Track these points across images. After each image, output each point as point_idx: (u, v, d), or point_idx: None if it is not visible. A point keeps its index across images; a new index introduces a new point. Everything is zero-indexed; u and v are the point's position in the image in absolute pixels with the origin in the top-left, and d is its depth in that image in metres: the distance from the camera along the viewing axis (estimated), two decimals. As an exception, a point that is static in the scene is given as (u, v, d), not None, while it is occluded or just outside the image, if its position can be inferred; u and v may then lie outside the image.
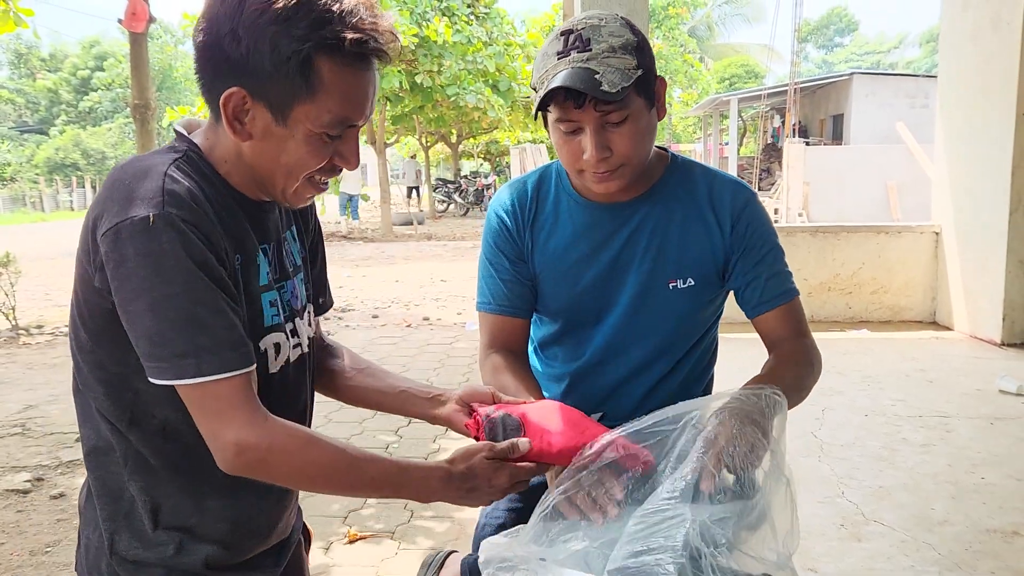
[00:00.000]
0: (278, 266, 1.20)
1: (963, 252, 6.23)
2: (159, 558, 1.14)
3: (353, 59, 1.04)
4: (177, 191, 1.02)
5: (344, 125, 1.08)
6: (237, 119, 1.06)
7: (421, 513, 3.39)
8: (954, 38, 6.37)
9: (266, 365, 1.15)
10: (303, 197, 1.15)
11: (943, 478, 3.37)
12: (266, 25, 1.00)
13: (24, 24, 5.76)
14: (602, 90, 1.31)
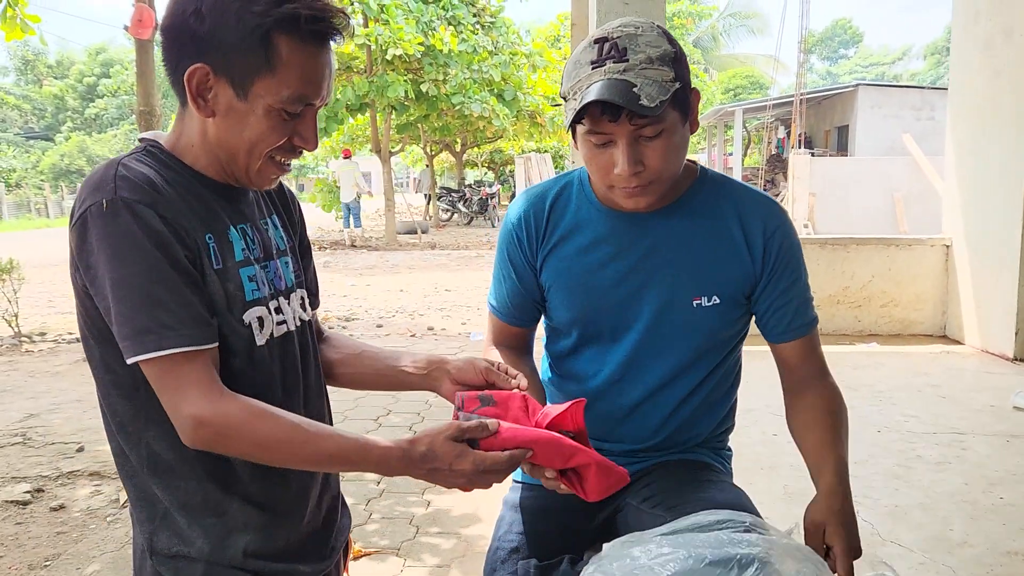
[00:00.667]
0: (260, 245, 1.24)
1: (974, 265, 6.17)
2: (199, 553, 1.17)
3: (310, 36, 1.10)
4: (128, 176, 1.07)
5: (302, 102, 1.13)
6: (201, 95, 1.11)
7: (427, 529, 3.33)
8: (965, 49, 6.32)
9: (252, 338, 1.18)
10: (267, 177, 1.19)
11: (960, 497, 3.30)
12: (229, 2, 1.07)
13: (31, 31, 5.76)
14: (641, 104, 1.25)
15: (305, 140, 1.17)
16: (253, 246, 1.22)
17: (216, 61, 1.09)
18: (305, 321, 1.34)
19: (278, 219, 1.33)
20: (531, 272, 1.55)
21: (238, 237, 1.19)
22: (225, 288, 1.14)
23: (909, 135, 14.56)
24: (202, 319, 1.08)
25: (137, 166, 1.10)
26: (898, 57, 65.22)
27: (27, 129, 47.05)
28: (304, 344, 1.32)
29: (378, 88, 14.80)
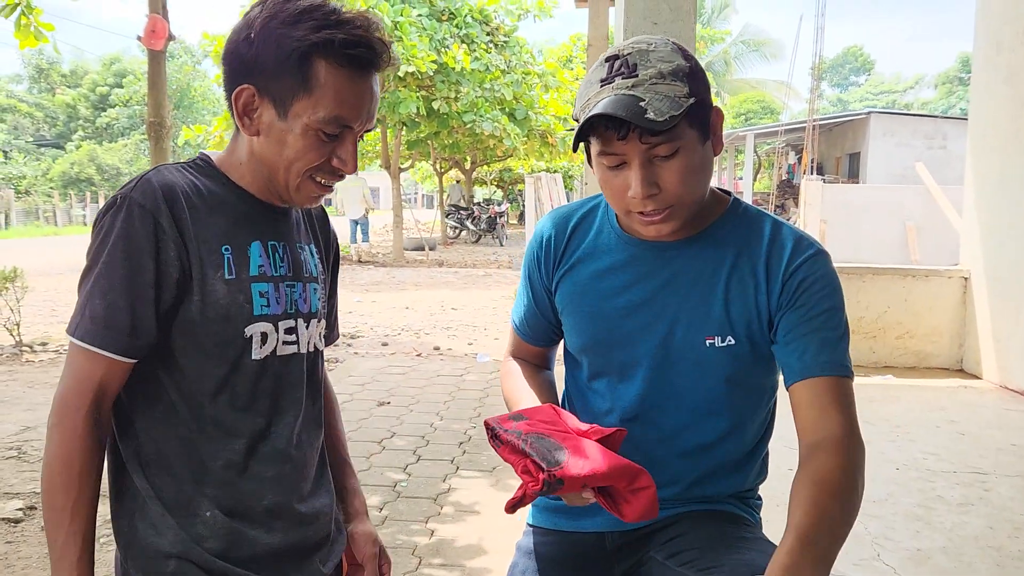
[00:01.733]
0: (290, 265, 1.28)
1: (993, 299, 6.05)
2: (170, 546, 1.19)
3: (346, 61, 1.15)
4: (151, 180, 1.16)
5: (338, 124, 1.18)
6: (247, 114, 1.19)
7: (430, 560, 3.21)
8: (987, 80, 6.24)
9: (249, 350, 1.22)
10: (307, 195, 1.24)
11: (984, 542, 3.18)
12: (274, 28, 1.15)
13: (44, 39, 5.74)
14: (647, 118, 1.17)
15: (343, 162, 1.22)
16: (280, 264, 1.27)
17: (261, 82, 1.17)
18: (320, 351, 1.37)
19: (315, 248, 1.38)
20: (546, 293, 1.49)
21: (260, 253, 1.24)
22: (233, 298, 1.19)
23: (922, 164, 14.49)
24: (126, 327, 1.14)
25: (169, 174, 1.19)
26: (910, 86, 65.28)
27: (39, 137, 47.27)
28: (312, 371, 1.34)
29: (390, 104, 14.78)
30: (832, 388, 1.26)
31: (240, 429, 1.23)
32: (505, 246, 23.18)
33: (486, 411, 5.54)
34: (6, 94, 46.25)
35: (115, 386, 1.17)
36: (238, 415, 1.23)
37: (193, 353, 1.19)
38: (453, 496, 3.95)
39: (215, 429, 1.21)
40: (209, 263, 1.18)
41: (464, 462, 4.47)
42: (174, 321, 1.18)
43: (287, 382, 1.28)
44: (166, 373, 1.20)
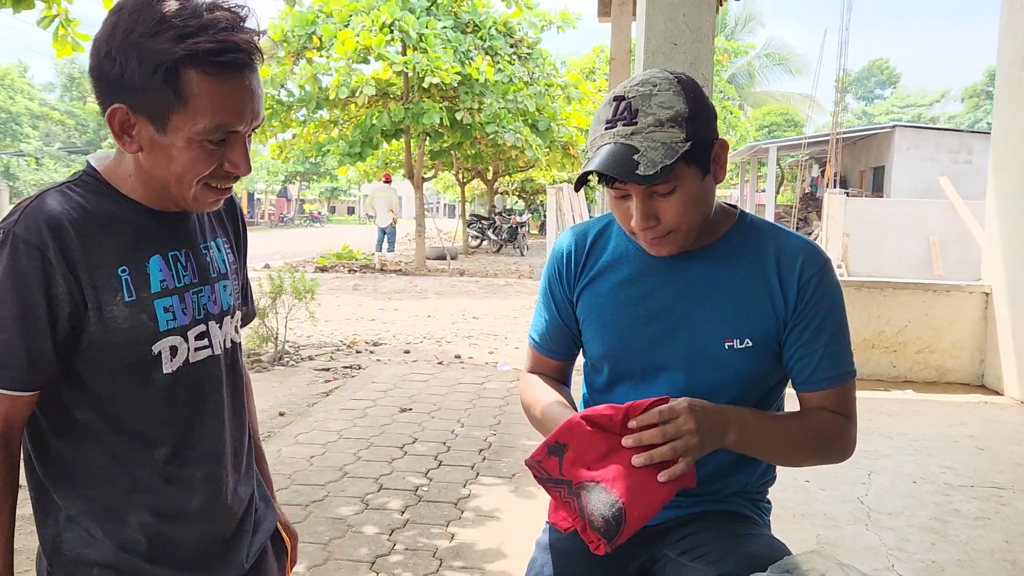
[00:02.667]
0: (195, 271, 1.26)
1: (1015, 314, 6.04)
2: (100, 556, 1.21)
3: (216, 68, 1.10)
4: (34, 212, 1.12)
5: (221, 131, 1.14)
6: (125, 132, 1.14)
7: (450, 563, 3.28)
8: (1010, 95, 6.25)
9: (159, 366, 1.21)
10: (206, 202, 1.21)
11: (1000, 556, 3.20)
12: (133, 43, 1.08)
13: (80, 49, 5.88)
14: (637, 174, 1.28)
15: (235, 166, 1.18)
16: (184, 273, 1.25)
17: (132, 100, 1.12)
18: (237, 343, 1.37)
19: (223, 240, 1.36)
20: (569, 305, 1.58)
21: (160, 267, 1.21)
22: (136, 319, 1.18)
23: (946, 178, 14.41)
24: (21, 365, 1.12)
25: (54, 202, 1.15)
26: (936, 99, 64.72)
27: (69, 144, 48.00)
28: (231, 365, 1.35)
29: (414, 115, 14.94)
30: (838, 395, 1.46)
31: (162, 438, 1.24)
32: (526, 256, 23.26)
33: (506, 418, 5.61)
34: (39, 102, 47.03)
35: (20, 418, 1.17)
36: (159, 426, 1.23)
37: (103, 377, 1.19)
38: (473, 501, 4.01)
39: (136, 441, 1.22)
40: (105, 289, 1.16)
41: (484, 468, 4.53)
42: (77, 349, 1.17)
43: (206, 386, 1.28)
44: (80, 396, 1.19)
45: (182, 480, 1.26)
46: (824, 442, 1.44)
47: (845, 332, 1.47)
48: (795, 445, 1.42)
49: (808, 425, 1.44)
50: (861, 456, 4.38)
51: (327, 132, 17.07)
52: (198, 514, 1.28)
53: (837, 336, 1.45)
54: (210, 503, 1.29)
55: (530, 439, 5.09)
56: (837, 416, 1.45)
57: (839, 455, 1.47)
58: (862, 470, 4.14)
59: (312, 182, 55.99)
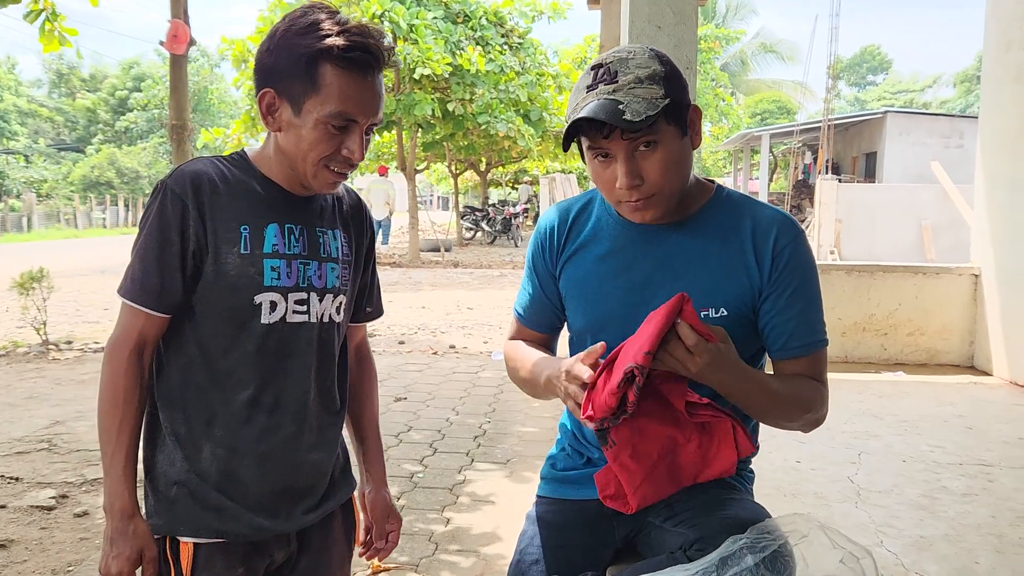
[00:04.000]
0: (306, 244, 1.46)
1: (1004, 296, 6.09)
2: (179, 476, 1.40)
3: (346, 63, 1.34)
4: (184, 170, 1.39)
5: (343, 118, 1.36)
6: (270, 114, 1.39)
7: (446, 547, 3.32)
8: (996, 79, 6.29)
9: (258, 316, 1.41)
10: (325, 182, 1.42)
11: (987, 530, 3.25)
12: (288, 39, 1.35)
13: (68, 43, 5.88)
14: (625, 119, 1.34)
15: (351, 152, 1.39)
16: (295, 244, 1.45)
17: (279, 86, 1.37)
18: (336, 322, 1.53)
19: (343, 233, 1.55)
20: (552, 279, 1.63)
21: (275, 233, 1.43)
22: (244, 270, 1.39)
23: (938, 163, 14.45)
24: (158, 288, 1.37)
25: (200, 164, 1.41)
26: (928, 85, 64.74)
27: (59, 141, 47.75)
28: (325, 339, 1.51)
29: (405, 106, 14.92)
30: (812, 362, 1.51)
31: (248, 381, 1.42)
32: (520, 247, 23.28)
33: (501, 407, 5.65)
34: (27, 99, 46.80)
35: (153, 335, 1.40)
36: (247, 369, 1.42)
37: (210, 314, 1.40)
38: (469, 487, 4.05)
39: (226, 380, 1.41)
40: (224, 240, 1.38)
41: (479, 455, 4.58)
42: (196, 286, 1.39)
43: (295, 347, 1.46)
44: (191, 329, 1.41)
45: (258, 424, 1.42)
46: (802, 403, 1.47)
47: (818, 302, 1.51)
48: (776, 400, 1.45)
49: (787, 385, 1.48)
50: (851, 436, 4.44)
51: (319, 125, 17.00)
52: (266, 459, 1.43)
53: (811, 305, 1.50)
54: (280, 453, 1.45)
55: (524, 425, 5.14)
56: (813, 381, 1.50)
57: (814, 418, 1.50)
58: (852, 450, 4.19)
59: (305, 176, 55.75)
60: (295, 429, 1.46)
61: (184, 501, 1.40)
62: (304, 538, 1.52)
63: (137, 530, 1.36)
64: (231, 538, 1.42)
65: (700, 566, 1.13)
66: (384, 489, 1.71)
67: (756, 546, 1.17)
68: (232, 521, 1.41)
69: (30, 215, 33.45)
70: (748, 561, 1.16)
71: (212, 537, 1.41)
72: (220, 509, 1.40)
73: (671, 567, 1.16)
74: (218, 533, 1.41)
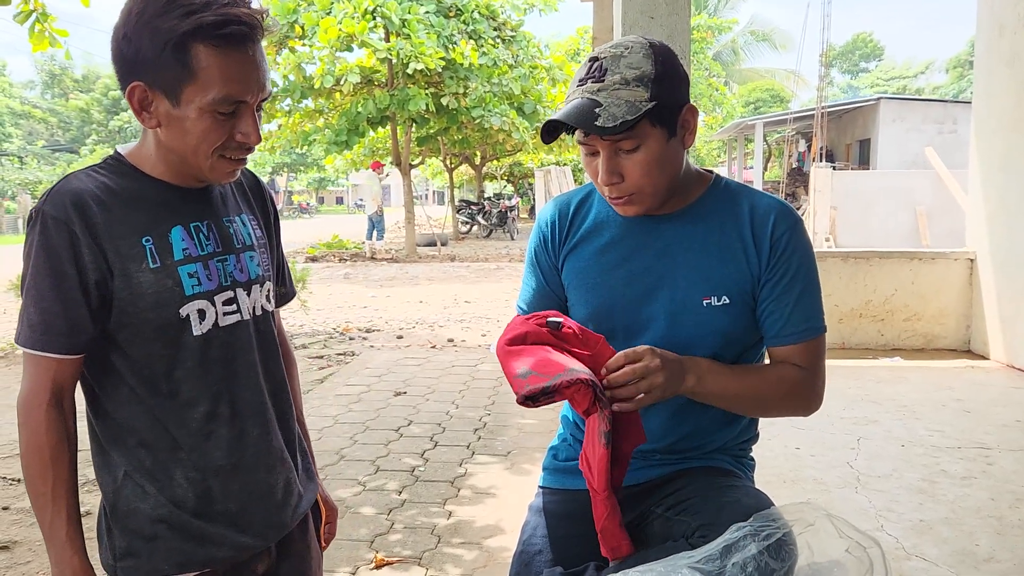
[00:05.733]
0: (217, 241, 1.34)
1: (999, 280, 6.11)
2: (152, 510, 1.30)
3: (221, 40, 1.18)
4: (61, 191, 1.23)
5: (230, 102, 1.22)
6: (144, 109, 1.24)
7: (449, 540, 3.33)
8: (989, 64, 6.29)
9: (189, 328, 1.30)
10: (223, 173, 1.30)
11: (986, 512, 3.27)
12: (145, 23, 1.18)
13: (58, 44, 5.85)
14: (596, 125, 1.35)
15: (246, 135, 1.26)
16: (207, 242, 1.33)
17: (148, 77, 1.21)
18: (268, 311, 1.45)
19: (250, 216, 1.45)
20: (555, 271, 1.63)
21: (182, 236, 1.30)
22: (162, 284, 1.26)
23: (931, 149, 14.47)
24: (62, 330, 1.23)
25: (78, 182, 1.25)
26: (920, 71, 64.67)
27: (53, 142, 47.64)
28: (264, 332, 1.43)
29: (399, 101, 14.90)
30: (806, 350, 1.50)
31: (198, 398, 1.32)
32: (516, 240, 23.28)
33: (500, 399, 5.66)
34: (20, 100, 46.64)
35: (69, 380, 1.27)
36: (194, 385, 1.31)
37: (137, 341, 1.27)
38: (470, 480, 4.06)
39: (174, 401, 1.30)
40: (130, 257, 1.24)
41: (480, 447, 4.59)
42: (110, 316, 1.26)
43: (237, 348, 1.36)
44: (120, 360, 1.29)
45: (222, 437, 1.33)
46: (784, 394, 1.48)
47: (816, 289, 1.51)
48: (753, 395, 1.47)
49: (767, 377, 1.49)
50: (850, 422, 4.46)
51: (312, 121, 17.00)
52: (239, 470, 1.36)
53: (808, 292, 1.49)
54: (251, 461, 1.37)
55: (524, 417, 5.15)
56: (799, 369, 1.49)
57: (802, 407, 1.51)
58: (851, 436, 4.21)
59: (299, 173, 55.80)
60: (259, 432, 1.39)
61: (165, 535, 1.31)
62: (283, 544, 1.47)
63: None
64: (219, 564, 1.35)
65: (703, 553, 1.14)
66: (318, 478, 1.65)
67: (760, 533, 1.18)
68: (216, 547, 1.34)
69: (25, 217, 33.37)
70: (752, 549, 1.17)
71: (199, 569, 1.33)
72: (202, 537, 1.33)
73: (674, 554, 1.16)
74: (204, 563, 1.33)
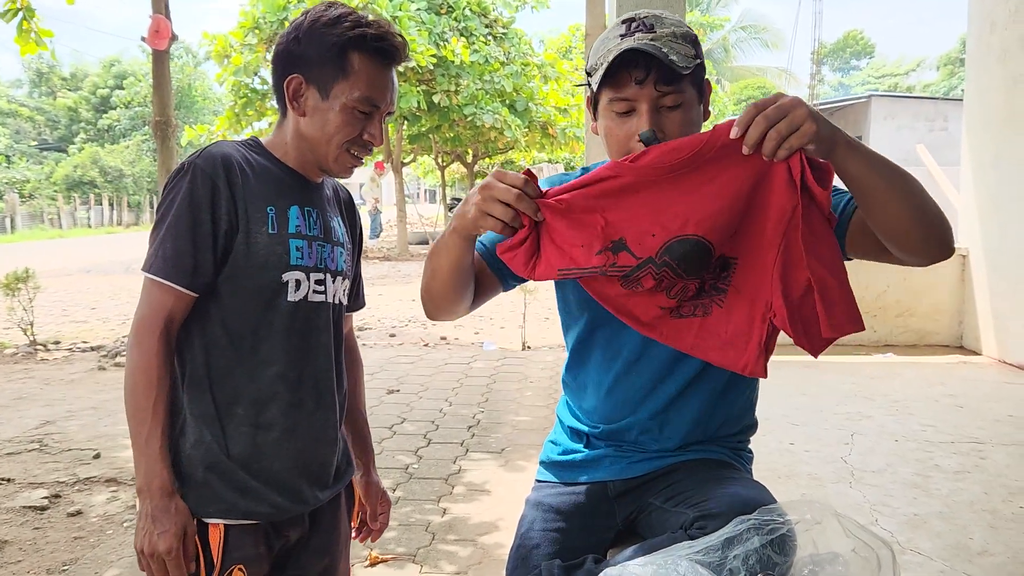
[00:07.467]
0: (321, 227, 1.52)
1: (991, 276, 6.13)
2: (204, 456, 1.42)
3: (375, 51, 1.44)
4: (212, 151, 1.42)
5: (369, 104, 1.45)
6: (296, 99, 1.46)
7: (444, 537, 3.32)
8: (981, 60, 6.31)
9: (284, 293, 1.46)
10: (344, 166, 1.50)
11: (980, 506, 3.28)
12: (317, 29, 1.45)
13: (44, 46, 5.80)
14: (671, 60, 1.32)
15: (372, 136, 1.48)
16: (314, 226, 1.51)
17: (307, 72, 1.45)
18: (344, 305, 1.60)
19: (342, 221, 1.63)
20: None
21: (297, 215, 1.49)
22: (273, 249, 1.44)
23: (923, 146, 14.51)
24: (189, 266, 1.38)
25: (227, 147, 1.46)
26: (912, 68, 64.80)
27: (41, 141, 47.29)
28: (337, 322, 1.58)
29: (390, 99, 14.85)
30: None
31: (274, 358, 1.45)
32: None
33: (493, 397, 5.65)
34: (7, 99, 46.30)
35: (180, 315, 1.41)
36: (274, 346, 1.45)
37: (237, 293, 1.43)
38: (464, 477, 4.05)
39: (252, 357, 1.44)
40: (255, 219, 1.43)
41: (473, 444, 4.57)
42: (225, 265, 1.42)
43: (315, 325, 1.51)
44: (216, 309, 1.43)
45: (284, 400, 1.46)
46: (925, 194, 1.25)
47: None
48: (902, 175, 1.24)
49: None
50: (844, 418, 4.46)
51: (304, 119, 16.91)
52: (291, 435, 1.47)
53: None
54: (303, 429, 1.49)
55: (517, 415, 5.14)
56: None
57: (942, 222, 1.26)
58: (845, 431, 4.21)
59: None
60: (315, 405, 1.51)
61: (213, 482, 1.42)
62: (315, 518, 1.56)
63: (179, 507, 1.38)
64: (257, 518, 1.45)
65: (705, 544, 1.13)
66: (375, 473, 1.79)
67: (764, 528, 1.17)
68: (256, 502, 1.44)
69: (13, 216, 33.18)
70: (755, 542, 1.15)
71: (240, 518, 1.43)
72: (246, 490, 1.43)
73: (674, 545, 1.15)
74: (246, 514, 1.43)
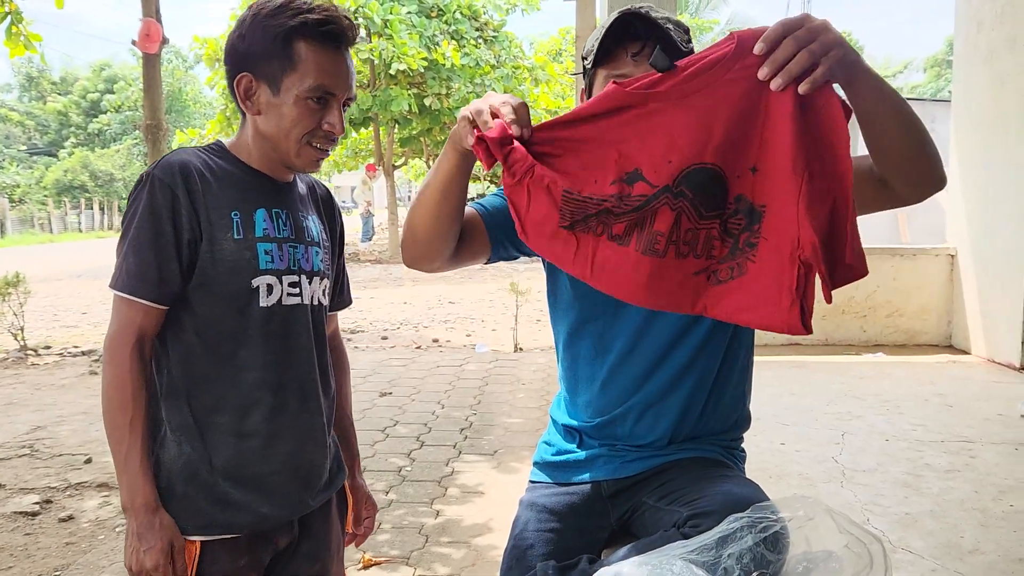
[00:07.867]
0: (292, 228, 1.49)
1: (980, 275, 6.17)
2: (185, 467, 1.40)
3: (321, 36, 1.38)
4: (170, 160, 1.39)
5: (323, 92, 1.39)
6: (248, 98, 1.42)
7: (437, 539, 3.32)
8: (968, 60, 6.35)
9: (256, 299, 1.43)
10: (309, 160, 1.45)
11: (970, 505, 3.30)
12: (260, 21, 1.39)
13: (33, 49, 5.79)
14: (668, 28, 1.38)
15: (332, 126, 1.42)
16: (283, 227, 1.48)
17: (255, 69, 1.40)
18: (324, 305, 1.57)
19: (318, 219, 1.59)
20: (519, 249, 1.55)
21: (264, 218, 1.45)
22: (240, 254, 1.40)
23: (911, 147, 14.56)
24: (154, 280, 1.36)
25: (185, 155, 1.42)
26: (899, 70, 65.11)
27: (31, 145, 47.08)
28: (317, 323, 1.54)
29: (381, 102, 14.87)
30: None
31: (253, 364, 1.43)
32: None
33: (486, 399, 5.65)
34: (-4, 103, 46.10)
35: (152, 329, 1.40)
36: (251, 352, 1.43)
37: (209, 302, 1.41)
38: (457, 479, 4.05)
39: (230, 363, 1.42)
40: (218, 226, 1.40)
41: (466, 447, 4.57)
42: (192, 275, 1.39)
43: (293, 329, 1.48)
44: (188, 319, 1.41)
45: (266, 405, 1.44)
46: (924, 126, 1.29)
47: None
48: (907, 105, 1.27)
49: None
50: (834, 417, 4.48)
51: (294, 123, 16.91)
52: (275, 440, 1.45)
53: None
54: (288, 433, 1.47)
55: (510, 417, 5.14)
56: None
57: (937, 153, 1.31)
58: (835, 431, 4.23)
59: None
60: (299, 408, 1.49)
61: (193, 496, 1.40)
62: (305, 523, 1.54)
63: (164, 522, 1.36)
64: (238, 531, 1.42)
65: (699, 543, 1.13)
66: (360, 476, 1.77)
67: (756, 525, 1.17)
68: (240, 513, 1.42)
69: (3, 221, 33.01)
70: (748, 540, 1.16)
71: (220, 533, 1.41)
72: (227, 502, 1.41)
73: (669, 544, 1.16)
74: (226, 528, 1.41)
